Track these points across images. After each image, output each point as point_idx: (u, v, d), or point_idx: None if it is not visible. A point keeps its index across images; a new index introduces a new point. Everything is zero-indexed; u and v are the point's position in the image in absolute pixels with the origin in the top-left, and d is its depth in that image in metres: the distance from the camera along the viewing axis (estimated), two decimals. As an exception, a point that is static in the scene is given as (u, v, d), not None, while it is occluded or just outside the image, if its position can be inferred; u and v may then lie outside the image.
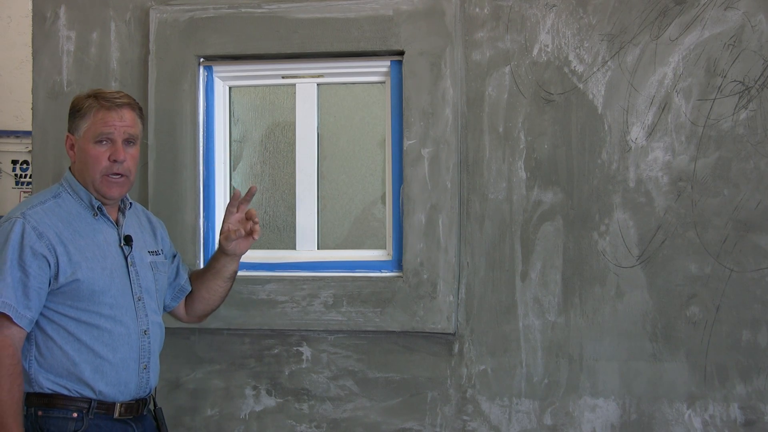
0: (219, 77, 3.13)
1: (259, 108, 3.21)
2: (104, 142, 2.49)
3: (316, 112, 3.12)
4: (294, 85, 3.13)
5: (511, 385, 2.89)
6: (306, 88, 3.11)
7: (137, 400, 2.54)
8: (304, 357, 3.01)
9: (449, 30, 2.89)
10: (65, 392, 2.43)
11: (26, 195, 4.94)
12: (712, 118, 2.77)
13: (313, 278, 2.98)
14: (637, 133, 2.82)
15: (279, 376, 3.03)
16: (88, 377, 2.44)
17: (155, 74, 3.06)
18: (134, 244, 2.57)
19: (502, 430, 2.90)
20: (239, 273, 3.05)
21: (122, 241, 2.56)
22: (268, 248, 3.17)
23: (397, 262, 2.98)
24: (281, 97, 3.20)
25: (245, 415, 3.04)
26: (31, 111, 3.20)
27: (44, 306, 2.42)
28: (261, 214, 3.18)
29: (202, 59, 3.08)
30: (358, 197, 3.14)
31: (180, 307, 2.81)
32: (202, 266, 3.05)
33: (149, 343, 2.55)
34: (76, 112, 2.52)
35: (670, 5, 2.80)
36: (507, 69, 2.89)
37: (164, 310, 2.73)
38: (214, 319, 2.99)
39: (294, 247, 3.13)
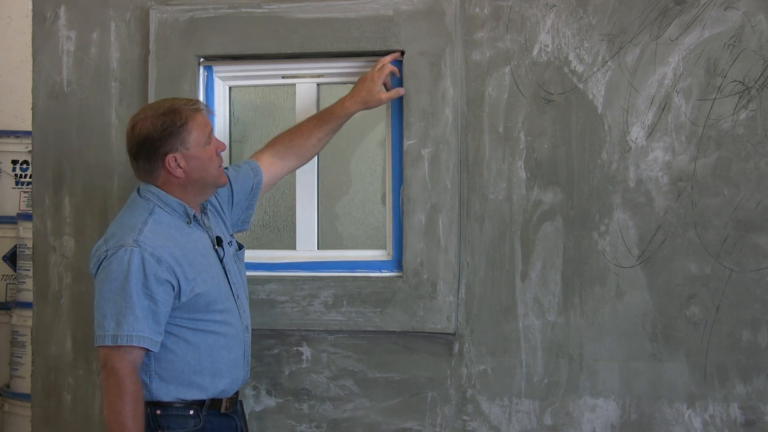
0: (219, 77, 3.13)
1: (259, 108, 3.21)
2: (210, 142, 2.53)
3: (316, 112, 3.12)
4: (294, 85, 3.13)
5: (511, 385, 2.89)
6: (306, 88, 3.11)
7: (236, 393, 2.63)
8: (304, 357, 3.01)
9: (449, 30, 2.89)
10: (183, 398, 2.49)
11: (26, 195, 4.93)
12: (712, 118, 2.77)
13: (313, 278, 2.98)
14: (637, 133, 2.82)
15: (279, 376, 3.03)
16: (207, 383, 2.51)
17: (155, 74, 3.06)
18: (223, 243, 2.62)
19: (502, 430, 2.90)
20: (239, 273, 3.05)
21: (215, 244, 2.60)
22: (268, 248, 3.17)
23: (397, 262, 2.98)
24: (281, 97, 3.20)
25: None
26: (31, 111, 3.20)
27: None
28: (261, 214, 3.18)
29: (202, 59, 3.08)
30: (358, 197, 3.14)
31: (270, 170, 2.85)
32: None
33: (249, 337, 2.66)
34: (178, 129, 2.47)
35: (670, 5, 2.80)
36: (507, 69, 2.89)
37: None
38: (214, 319, 3.00)
39: (294, 247, 3.13)
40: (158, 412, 2.46)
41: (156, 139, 2.47)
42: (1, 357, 4.86)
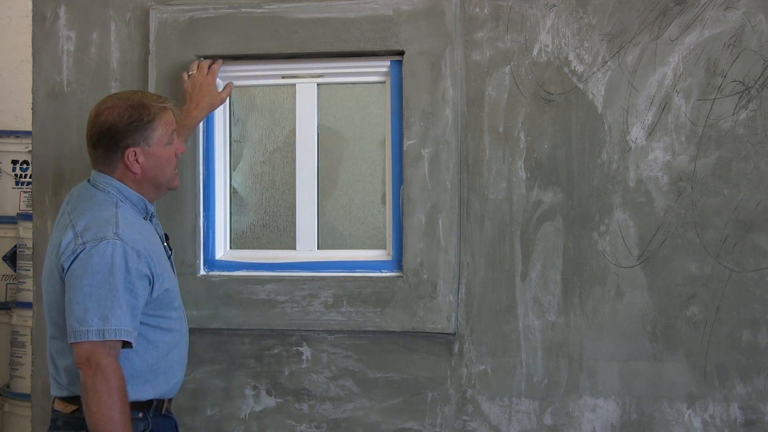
0: (219, 77, 3.12)
1: (259, 108, 3.21)
2: (172, 142, 2.53)
3: (316, 112, 3.12)
4: (294, 85, 3.13)
5: (511, 385, 2.89)
6: (306, 88, 3.11)
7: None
8: (304, 357, 3.01)
9: (449, 30, 2.89)
10: (138, 399, 2.45)
11: (26, 195, 4.93)
12: (712, 118, 2.77)
13: (313, 278, 2.98)
14: (637, 133, 2.82)
15: (279, 376, 3.03)
16: (161, 382, 2.49)
17: (155, 74, 3.06)
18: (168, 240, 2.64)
19: (502, 430, 2.90)
20: (239, 273, 3.05)
21: (164, 240, 2.61)
22: (268, 248, 3.17)
23: (397, 262, 2.98)
24: (281, 97, 3.19)
25: (245, 416, 3.04)
26: (31, 111, 3.20)
27: None
28: (261, 214, 3.18)
29: (202, 59, 3.07)
30: (358, 197, 3.14)
31: None
32: (202, 267, 3.06)
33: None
34: (144, 124, 2.46)
35: (670, 5, 2.80)
36: (507, 69, 2.89)
37: None
38: (214, 319, 2.99)
39: (294, 247, 3.13)
40: None
41: (120, 130, 2.46)
42: (1, 357, 4.86)
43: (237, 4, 3.03)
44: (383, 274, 2.98)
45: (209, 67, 2.97)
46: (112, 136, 2.46)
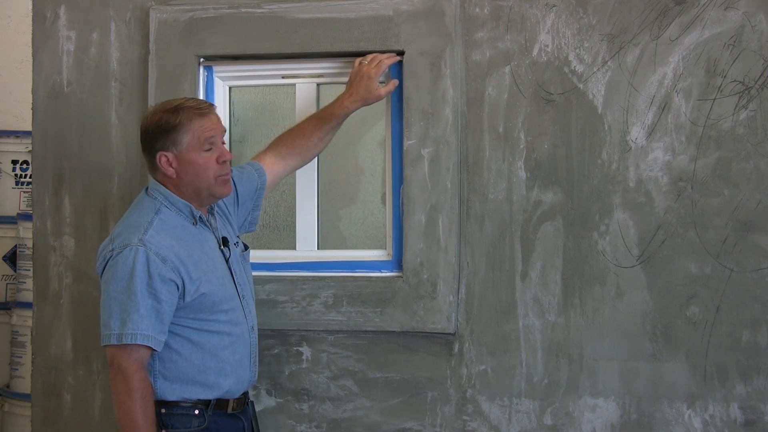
0: (219, 77, 3.13)
1: (259, 108, 3.21)
2: (210, 148, 2.51)
3: (316, 111, 3.12)
4: (294, 85, 3.13)
5: (511, 385, 2.89)
6: (306, 88, 3.11)
7: (244, 394, 2.63)
8: (304, 357, 3.01)
9: (449, 30, 2.89)
10: (189, 398, 2.49)
11: (26, 195, 4.93)
12: (712, 118, 2.77)
13: (313, 278, 2.98)
14: (637, 133, 2.82)
15: (279, 376, 3.03)
16: (212, 382, 2.51)
17: (155, 74, 3.06)
18: (229, 243, 2.63)
19: (502, 430, 2.90)
20: (239, 273, 3.04)
21: (221, 244, 2.61)
22: (268, 248, 3.17)
23: (397, 262, 2.98)
24: (281, 97, 3.20)
25: (245, 415, 3.04)
26: (31, 111, 3.20)
27: None
28: (261, 214, 3.18)
29: (202, 59, 3.08)
30: (358, 197, 3.14)
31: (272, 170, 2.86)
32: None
33: (255, 337, 2.66)
34: (171, 128, 2.49)
35: (670, 5, 2.80)
36: (507, 69, 2.89)
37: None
38: (214, 319, 2.99)
39: (294, 247, 3.13)
40: (163, 410, 2.46)
41: (151, 134, 2.52)
42: (1, 357, 4.86)
43: (237, 4, 3.03)
44: (383, 274, 2.98)
45: (380, 61, 2.89)
46: (147, 139, 2.53)
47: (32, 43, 3.19)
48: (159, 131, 2.50)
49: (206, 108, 2.54)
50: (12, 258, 4.89)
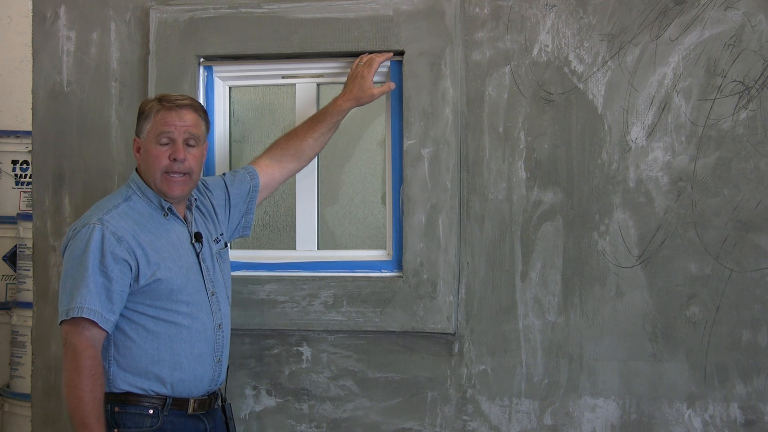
0: (219, 77, 3.13)
1: (259, 108, 3.21)
2: (166, 142, 2.53)
3: (315, 112, 3.11)
4: (294, 85, 3.13)
5: (511, 385, 2.89)
6: (306, 88, 3.11)
7: (209, 395, 2.59)
8: (304, 357, 3.01)
9: (449, 30, 2.89)
10: (140, 392, 2.47)
11: (26, 195, 4.93)
12: (712, 118, 2.77)
13: (313, 278, 2.98)
14: (637, 133, 2.82)
15: (279, 376, 3.03)
16: (166, 375, 2.48)
17: (155, 74, 3.06)
18: (203, 239, 2.63)
19: (502, 430, 2.90)
20: (239, 272, 3.05)
21: (193, 239, 2.60)
22: (268, 248, 3.17)
23: (397, 262, 2.98)
24: (281, 97, 3.20)
25: (245, 415, 3.04)
26: (31, 111, 3.20)
27: (124, 307, 2.45)
28: (261, 214, 3.18)
29: (202, 59, 3.08)
30: (358, 197, 3.14)
31: (270, 174, 2.87)
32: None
33: (223, 336, 2.62)
34: (140, 114, 2.57)
35: (670, 5, 2.80)
36: (507, 69, 2.89)
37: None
38: (214, 319, 2.99)
39: (294, 247, 3.13)
40: (116, 409, 2.45)
41: (137, 119, 2.61)
42: (1, 357, 4.86)
43: (237, 4, 3.03)
44: (383, 274, 2.98)
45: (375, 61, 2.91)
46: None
47: (32, 43, 3.19)
48: (138, 117, 2.59)
49: (178, 103, 2.55)
50: (12, 258, 4.89)
